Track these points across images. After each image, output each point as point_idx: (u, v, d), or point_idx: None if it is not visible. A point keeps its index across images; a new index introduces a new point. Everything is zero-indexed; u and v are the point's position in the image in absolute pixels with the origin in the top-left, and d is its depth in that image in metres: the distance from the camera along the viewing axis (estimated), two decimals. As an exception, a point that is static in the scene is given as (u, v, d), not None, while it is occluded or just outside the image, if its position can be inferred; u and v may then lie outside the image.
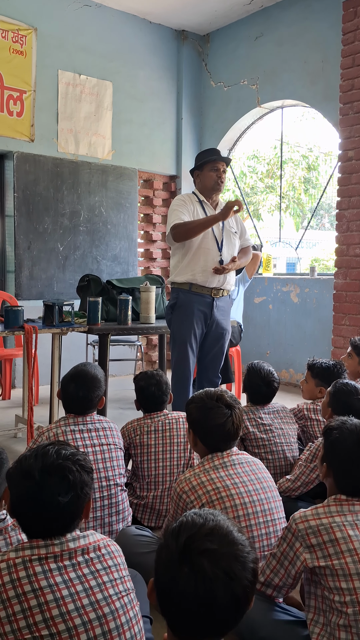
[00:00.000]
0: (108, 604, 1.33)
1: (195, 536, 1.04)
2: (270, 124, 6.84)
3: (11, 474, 1.44)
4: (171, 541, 1.06)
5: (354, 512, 1.63)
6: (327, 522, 1.61)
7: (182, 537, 1.05)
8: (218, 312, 3.65)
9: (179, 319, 3.61)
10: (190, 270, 3.57)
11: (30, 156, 5.57)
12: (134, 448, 2.63)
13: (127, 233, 6.35)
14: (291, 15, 5.76)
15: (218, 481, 1.96)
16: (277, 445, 2.82)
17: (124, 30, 6.19)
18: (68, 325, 3.84)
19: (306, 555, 1.60)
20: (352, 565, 1.54)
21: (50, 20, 5.61)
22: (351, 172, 4.95)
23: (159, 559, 1.07)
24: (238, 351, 5.37)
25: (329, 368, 2.98)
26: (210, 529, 1.06)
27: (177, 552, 1.03)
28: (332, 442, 1.75)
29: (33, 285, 5.67)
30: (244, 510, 1.93)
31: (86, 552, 1.37)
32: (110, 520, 2.31)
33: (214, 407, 2.05)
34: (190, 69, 6.73)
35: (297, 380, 5.88)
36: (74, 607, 1.29)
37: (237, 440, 2.09)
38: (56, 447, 1.45)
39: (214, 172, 3.61)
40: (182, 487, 1.98)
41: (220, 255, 3.58)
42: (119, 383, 6.04)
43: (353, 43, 4.88)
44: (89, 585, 1.34)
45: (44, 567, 1.31)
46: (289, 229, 13.39)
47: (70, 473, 1.40)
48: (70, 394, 2.41)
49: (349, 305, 5.01)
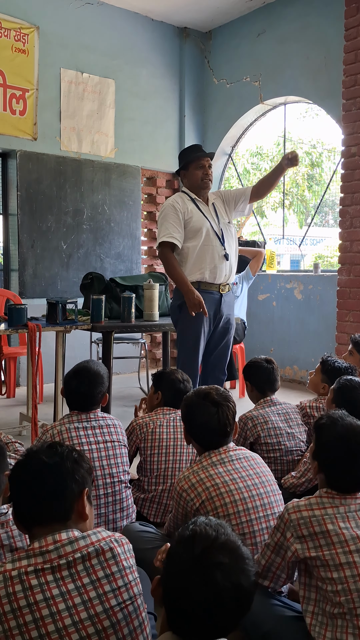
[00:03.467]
0: (109, 616, 1.28)
1: (210, 549, 1.13)
2: (273, 120, 6.82)
3: (17, 464, 1.48)
4: (186, 549, 1.14)
5: (345, 504, 1.64)
6: (319, 514, 1.62)
7: (197, 547, 1.13)
8: (225, 306, 3.67)
9: (189, 319, 3.56)
10: (199, 268, 3.55)
11: (33, 154, 5.58)
12: (144, 442, 2.63)
13: (130, 231, 6.36)
14: (293, 12, 5.75)
15: (217, 477, 1.96)
16: (286, 450, 2.83)
17: (126, 28, 6.19)
18: (71, 323, 3.85)
19: (297, 546, 1.62)
20: (343, 556, 1.56)
21: (52, 18, 5.61)
22: (354, 169, 4.94)
23: (171, 564, 1.15)
24: (242, 348, 5.37)
25: (340, 369, 2.96)
26: (222, 542, 1.15)
27: (192, 561, 1.12)
28: (322, 439, 1.75)
29: (37, 283, 5.68)
30: (244, 506, 1.93)
31: (87, 559, 1.32)
32: (115, 517, 2.32)
33: (199, 405, 2.07)
34: (192, 66, 6.73)
35: (301, 377, 5.87)
36: (71, 621, 1.25)
37: (230, 436, 2.08)
38: (57, 444, 1.51)
39: (199, 169, 3.61)
40: (182, 485, 1.99)
41: (224, 249, 3.59)
42: (123, 381, 6.05)
43: (356, 39, 4.86)
44: (88, 597, 1.29)
45: (40, 579, 1.27)
46: (292, 226, 13.37)
47: (60, 447, 1.47)
48: (73, 390, 2.42)
49: (352, 301, 5.00)
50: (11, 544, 1.71)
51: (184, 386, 2.74)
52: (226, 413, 2.05)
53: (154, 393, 2.80)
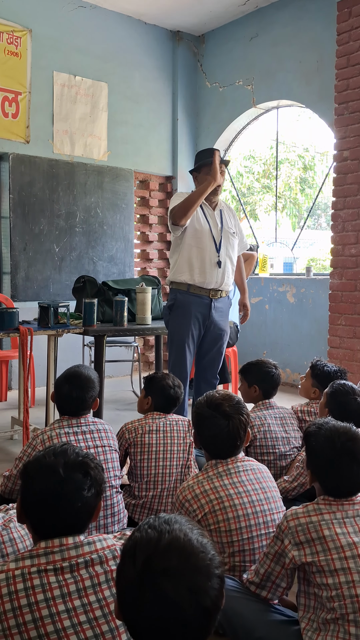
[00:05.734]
0: (107, 621, 1.29)
1: (152, 556, 0.97)
2: (266, 124, 6.84)
3: (29, 471, 1.42)
4: (128, 563, 0.99)
5: (342, 509, 1.65)
6: (316, 520, 1.62)
7: (138, 558, 0.97)
8: (216, 313, 3.65)
9: (177, 320, 3.61)
10: (189, 271, 3.56)
11: (26, 157, 5.57)
12: (134, 447, 2.62)
13: (123, 234, 6.35)
14: (286, 16, 5.77)
15: (222, 490, 1.93)
16: (280, 454, 2.83)
17: (119, 31, 6.19)
18: (63, 327, 3.84)
19: (294, 552, 1.61)
20: (338, 562, 1.56)
21: (45, 21, 5.61)
22: (346, 172, 4.96)
23: (118, 582, 1.00)
24: (235, 351, 5.37)
25: (329, 374, 2.96)
26: (166, 543, 0.98)
27: (136, 575, 0.96)
28: (311, 448, 1.75)
29: (29, 286, 5.66)
30: (247, 522, 1.91)
31: (90, 565, 1.33)
32: (106, 522, 2.31)
33: (209, 417, 2.01)
34: (185, 69, 6.74)
35: (293, 380, 5.88)
36: (70, 623, 1.25)
37: (240, 448, 2.03)
38: (72, 447, 1.48)
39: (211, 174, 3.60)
40: (185, 495, 1.95)
41: (218, 256, 3.58)
42: (115, 384, 6.04)
43: (348, 43, 4.89)
44: (88, 600, 1.29)
45: (42, 579, 1.28)
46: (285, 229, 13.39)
47: (92, 470, 1.43)
48: (64, 395, 2.41)
49: (344, 305, 5.01)
50: (1, 549, 1.70)
51: (174, 392, 2.72)
52: (237, 426, 1.99)
53: (144, 397, 2.78)
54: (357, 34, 4.81)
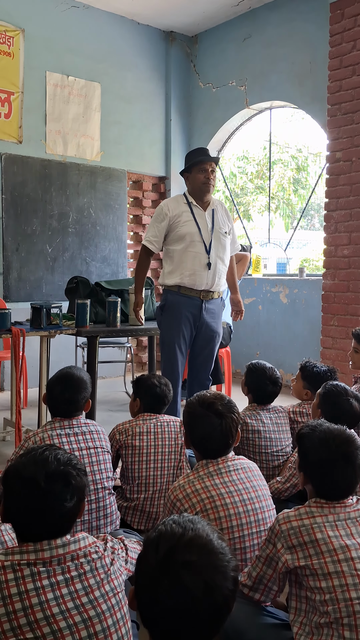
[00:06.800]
0: (94, 606, 1.35)
1: (175, 548, 1.02)
2: (259, 125, 6.85)
3: (10, 482, 1.43)
4: (151, 552, 1.04)
5: (334, 512, 1.64)
6: (308, 523, 1.62)
7: (161, 548, 1.03)
8: (207, 314, 3.65)
9: (168, 321, 3.62)
10: (179, 272, 3.57)
11: (18, 158, 5.55)
12: (125, 449, 2.61)
13: (116, 234, 6.34)
14: (279, 17, 5.77)
15: (212, 489, 1.93)
16: (272, 454, 2.83)
17: (112, 31, 6.18)
18: (56, 328, 3.83)
19: (287, 556, 1.61)
20: (331, 565, 1.55)
21: (37, 21, 5.59)
22: (339, 174, 4.97)
23: (139, 570, 1.05)
24: (228, 352, 5.37)
25: (320, 374, 2.96)
26: (189, 539, 1.04)
27: (157, 564, 1.01)
28: (304, 450, 1.75)
29: (21, 287, 5.64)
30: (238, 520, 1.91)
31: (76, 558, 1.38)
32: (98, 523, 2.30)
33: (202, 416, 2.01)
34: (178, 70, 6.73)
35: (287, 380, 5.88)
36: (58, 610, 1.30)
37: (230, 447, 2.04)
38: (53, 453, 1.47)
39: (201, 173, 3.60)
40: (176, 494, 1.95)
41: (208, 258, 3.58)
42: (108, 385, 6.03)
43: (340, 44, 4.90)
44: (75, 588, 1.34)
45: (32, 569, 1.32)
46: (279, 230, 13.42)
47: (73, 478, 1.43)
48: (56, 396, 2.39)
49: (337, 305, 5.02)
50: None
51: (160, 390, 2.71)
52: (229, 425, 2.00)
53: (133, 400, 2.78)
54: (349, 36, 4.82)
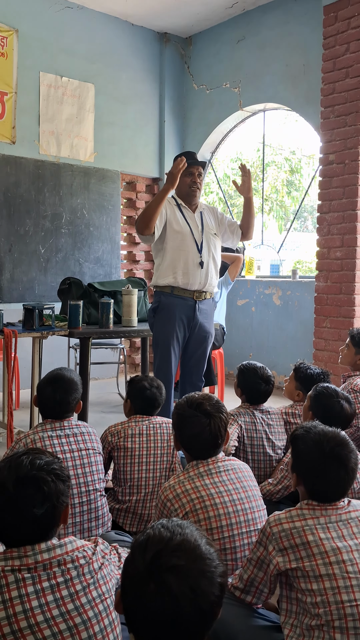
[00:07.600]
0: (80, 613, 1.32)
1: (162, 552, 1.02)
2: (253, 126, 6.86)
3: None
4: (138, 556, 1.04)
5: (326, 514, 1.64)
6: (299, 525, 1.61)
7: (149, 552, 1.03)
8: (201, 315, 3.65)
9: (161, 323, 3.61)
10: (172, 272, 3.57)
11: (12, 158, 5.53)
12: (117, 451, 2.60)
13: (109, 235, 6.33)
14: (273, 19, 5.79)
15: (202, 489, 1.93)
16: (265, 455, 2.83)
17: (106, 32, 6.18)
18: (48, 329, 3.82)
19: (279, 559, 1.60)
20: (323, 567, 1.55)
21: (31, 21, 5.58)
22: (332, 176, 4.98)
23: (125, 573, 1.05)
24: (221, 354, 5.37)
25: (312, 376, 2.97)
26: (177, 543, 1.04)
27: (144, 568, 1.01)
28: (298, 452, 1.75)
29: (14, 288, 5.62)
30: (227, 520, 1.91)
31: (62, 563, 1.36)
32: (90, 525, 2.29)
33: (191, 416, 2.02)
34: (172, 71, 6.73)
35: (279, 382, 5.89)
36: (43, 618, 1.27)
37: (220, 447, 2.05)
38: (30, 457, 1.43)
39: (188, 177, 3.60)
40: (167, 494, 1.95)
41: (200, 257, 3.58)
42: (101, 386, 6.02)
43: (334, 47, 4.91)
44: (60, 595, 1.32)
45: (16, 575, 1.30)
46: (272, 232, 13.45)
47: (45, 484, 1.39)
48: (47, 398, 2.38)
49: (329, 307, 5.03)
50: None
51: (151, 393, 2.70)
52: (218, 425, 2.00)
53: (125, 402, 2.78)
54: (343, 38, 4.84)
